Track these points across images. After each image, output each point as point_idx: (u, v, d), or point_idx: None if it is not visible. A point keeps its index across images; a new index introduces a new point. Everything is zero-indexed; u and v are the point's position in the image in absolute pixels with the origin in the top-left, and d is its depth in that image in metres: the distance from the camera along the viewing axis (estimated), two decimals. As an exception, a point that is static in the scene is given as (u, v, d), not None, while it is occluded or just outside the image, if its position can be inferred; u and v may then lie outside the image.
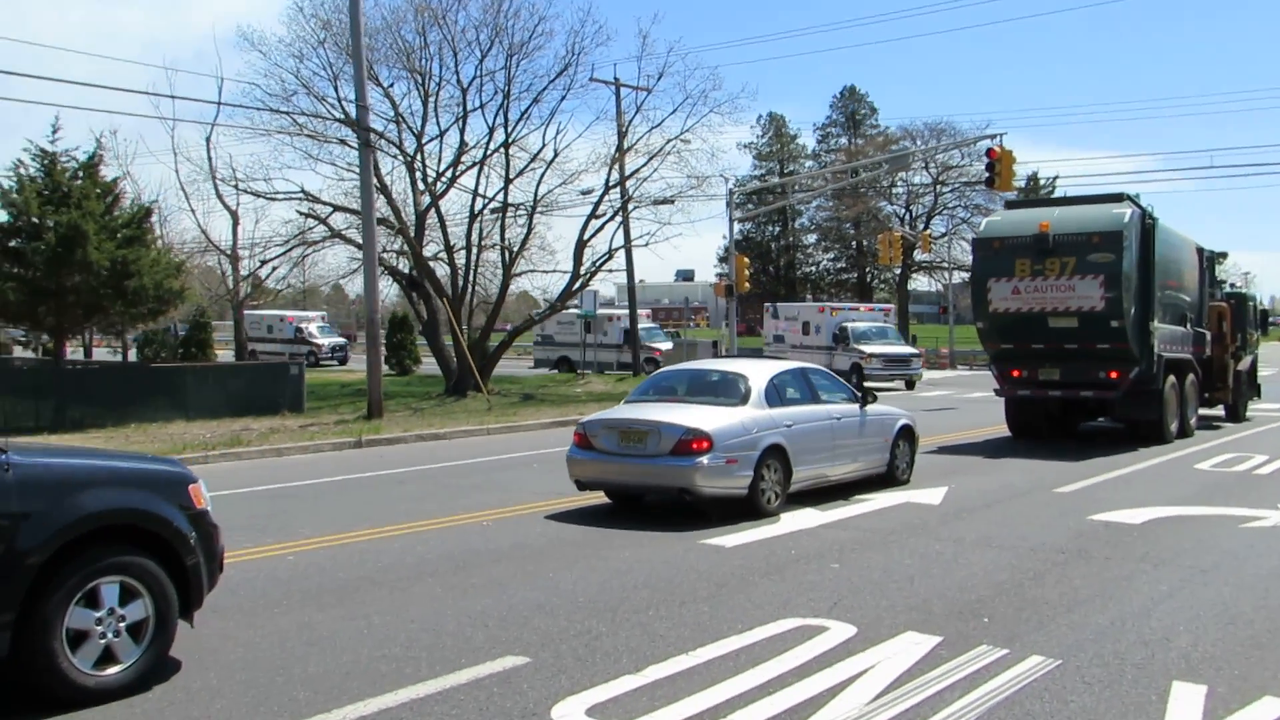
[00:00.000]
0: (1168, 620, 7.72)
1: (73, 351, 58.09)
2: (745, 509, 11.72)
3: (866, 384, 35.02)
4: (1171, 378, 19.96)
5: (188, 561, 6.29)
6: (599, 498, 12.87)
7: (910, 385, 38.70)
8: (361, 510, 12.62)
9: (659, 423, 11.70)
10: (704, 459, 11.35)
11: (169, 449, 18.81)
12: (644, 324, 48.55)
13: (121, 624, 5.99)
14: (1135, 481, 15.03)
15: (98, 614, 5.90)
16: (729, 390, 12.59)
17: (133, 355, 51.61)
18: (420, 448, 20.36)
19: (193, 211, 40.13)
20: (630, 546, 10.31)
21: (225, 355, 49.30)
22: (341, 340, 60.60)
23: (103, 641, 5.91)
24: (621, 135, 35.91)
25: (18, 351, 46.01)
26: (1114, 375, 18.95)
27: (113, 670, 5.94)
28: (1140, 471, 16.11)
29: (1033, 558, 9.82)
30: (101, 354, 55.14)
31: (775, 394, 12.62)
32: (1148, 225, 19.28)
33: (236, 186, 35.20)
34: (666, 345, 47.64)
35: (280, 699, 6.01)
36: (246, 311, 44.24)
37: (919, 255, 74.23)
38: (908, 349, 40.24)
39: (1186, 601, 8.27)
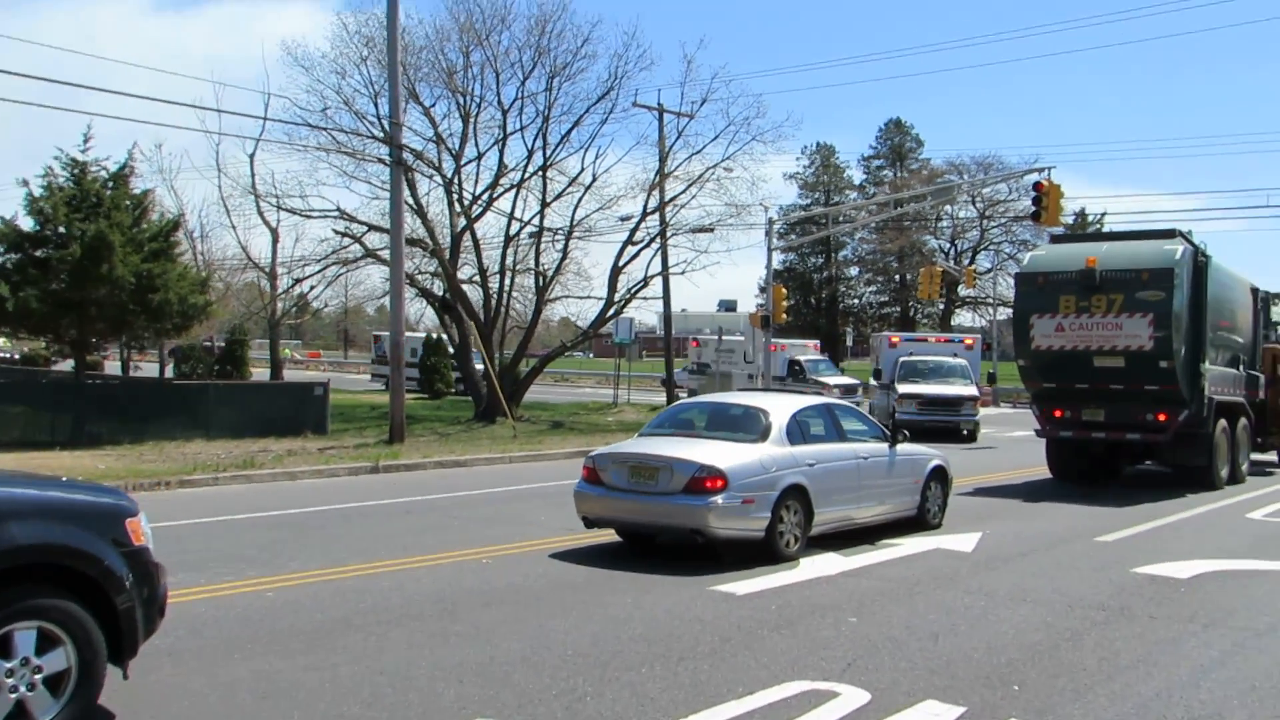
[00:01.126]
0: (1220, 692, 6.93)
1: (111, 366, 58.57)
2: (762, 552, 10.98)
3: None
4: (1223, 421, 19.01)
5: (120, 605, 5.66)
6: (610, 535, 12.17)
7: (970, 435, 30.51)
8: (358, 542, 12.02)
9: (671, 458, 11.01)
10: (718, 498, 10.64)
11: (181, 468, 18.43)
12: (809, 355, 44.93)
13: (38, 675, 5.37)
14: (1183, 531, 14.13)
15: (9, 664, 5.29)
16: (748, 425, 11.87)
17: (170, 371, 51.78)
18: (438, 475, 19.79)
19: (234, 228, 39.80)
20: (633, 591, 9.61)
21: (261, 373, 49.13)
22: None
23: (14, 696, 5.29)
24: (663, 160, 35.40)
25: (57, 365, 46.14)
26: (1162, 418, 18.03)
27: (25, 728, 5.33)
28: (1188, 520, 15.18)
29: (1070, 615, 9.01)
30: (145, 368, 55.36)
31: (797, 430, 11.90)
32: (1200, 263, 18.41)
33: (278, 204, 35.16)
34: (844, 380, 41.93)
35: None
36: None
37: (963, 290, 73.09)
38: (958, 389, 31.21)
39: (1240, 669, 7.46)
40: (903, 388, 31.37)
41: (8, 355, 59.80)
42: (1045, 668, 7.43)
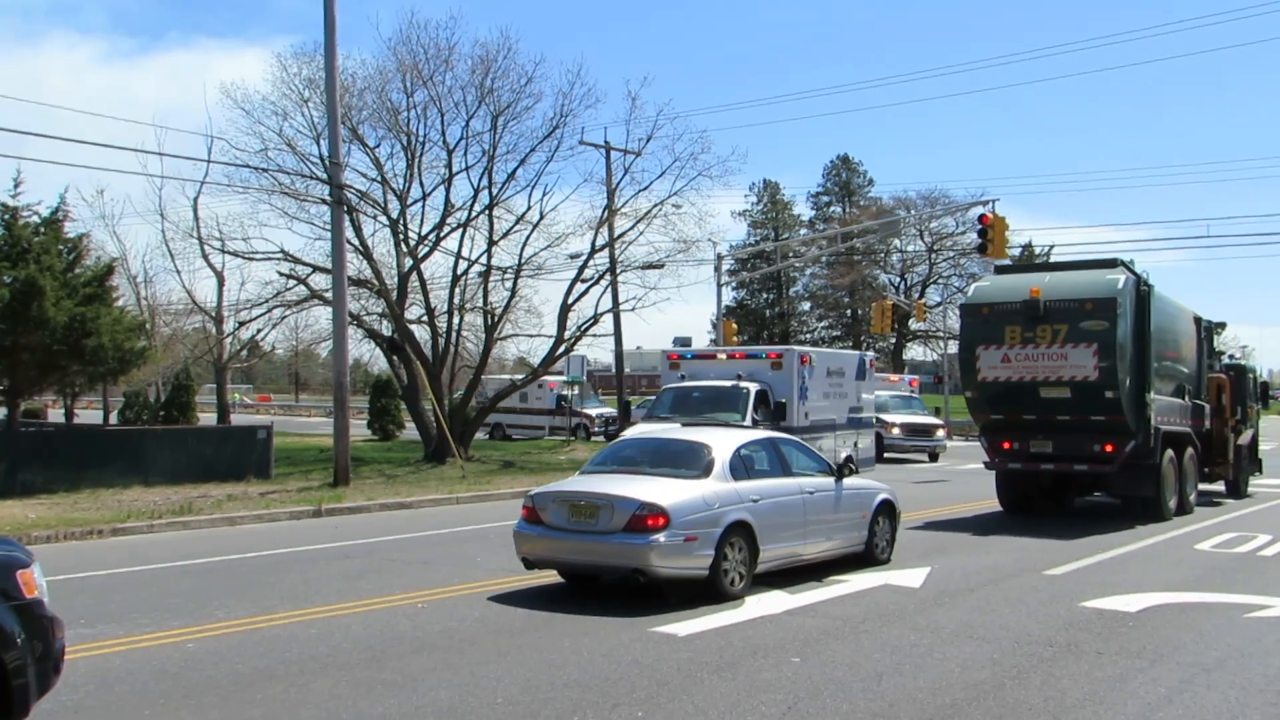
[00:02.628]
0: (1167, 731, 6.76)
1: (55, 414, 57.38)
2: (706, 591, 10.73)
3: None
4: (1170, 451, 19.04)
5: (9, 663, 5.32)
6: (552, 576, 11.86)
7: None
8: (290, 589, 11.61)
9: (612, 496, 10.75)
10: (660, 536, 10.39)
11: (115, 516, 17.88)
12: (895, 390, 40.07)
13: (-84, 739, 5.04)
14: (1131, 563, 14.03)
15: (-116, 727, 4.96)
16: (690, 461, 11.64)
17: (114, 417, 50.79)
18: (382, 518, 19.36)
19: (178, 272, 39.26)
20: (571, 635, 9.31)
21: (209, 418, 48.28)
22: (611, 411, 46.32)
23: (-111, 761, 4.96)
24: (610, 197, 35.33)
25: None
26: (1109, 448, 18.02)
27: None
28: (1136, 552, 15.10)
29: (1016, 652, 8.83)
30: (89, 416, 54.30)
31: (741, 466, 11.68)
32: (1143, 292, 18.50)
33: (222, 248, 34.71)
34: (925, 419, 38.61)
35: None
36: (490, 376, 41.32)
37: (914, 324, 73.64)
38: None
39: (1188, 708, 7.29)
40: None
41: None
42: (989, 708, 7.23)
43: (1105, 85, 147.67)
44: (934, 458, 36.36)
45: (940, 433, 37.12)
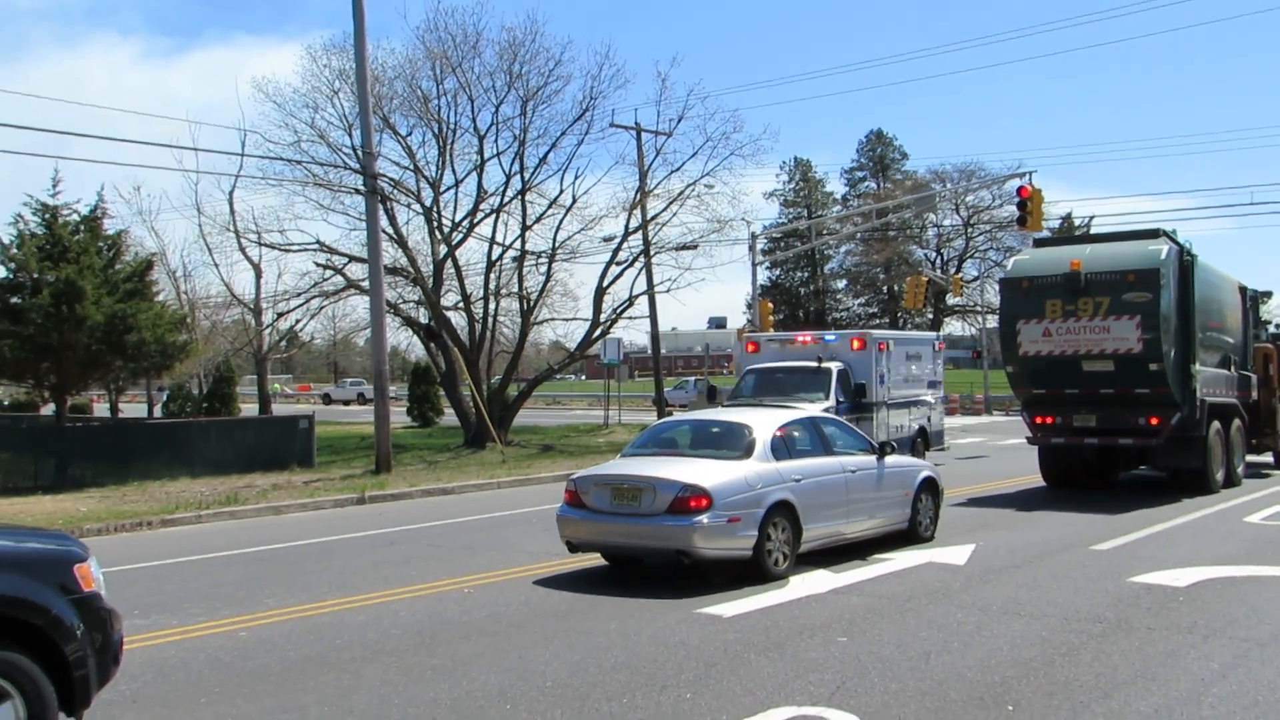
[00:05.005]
0: (1222, 707, 6.69)
1: (101, 408, 58.15)
2: (750, 572, 10.74)
3: None
4: (1216, 423, 18.80)
5: (70, 655, 5.42)
6: (595, 560, 11.92)
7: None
8: (338, 576, 11.74)
9: (654, 479, 10.77)
10: (703, 518, 10.40)
11: (163, 507, 18.16)
12: None
13: (-17, 731, 5.15)
14: (1179, 537, 13.89)
15: (-48, 720, 5.07)
16: (731, 442, 11.64)
17: (158, 410, 51.41)
18: (425, 503, 19.51)
19: (216, 265, 39.62)
20: (617, 617, 9.35)
21: (251, 409, 48.76)
22: None
23: (-42, 752, 5.07)
24: (642, 179, 35.28)
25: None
26: (1154, 421, 17.82)
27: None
28: (1184, 526, 14.95)
29: (1065, 629, 8.77)
30: (134, 410, 54.99)
31: (782, 446, 11.66)
32: (1186, 262, 18.24)
33: (259, 240, 35.02)
34: None
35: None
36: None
37: (951, 299, 73.07)
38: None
39: (1242, 683, 7.21)
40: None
41: (-2, 402, 59.33)
42: (1040, 685, 7.19)
43: (1143, 52, 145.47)
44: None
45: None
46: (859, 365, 22.85)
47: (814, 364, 22.46)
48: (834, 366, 22.36)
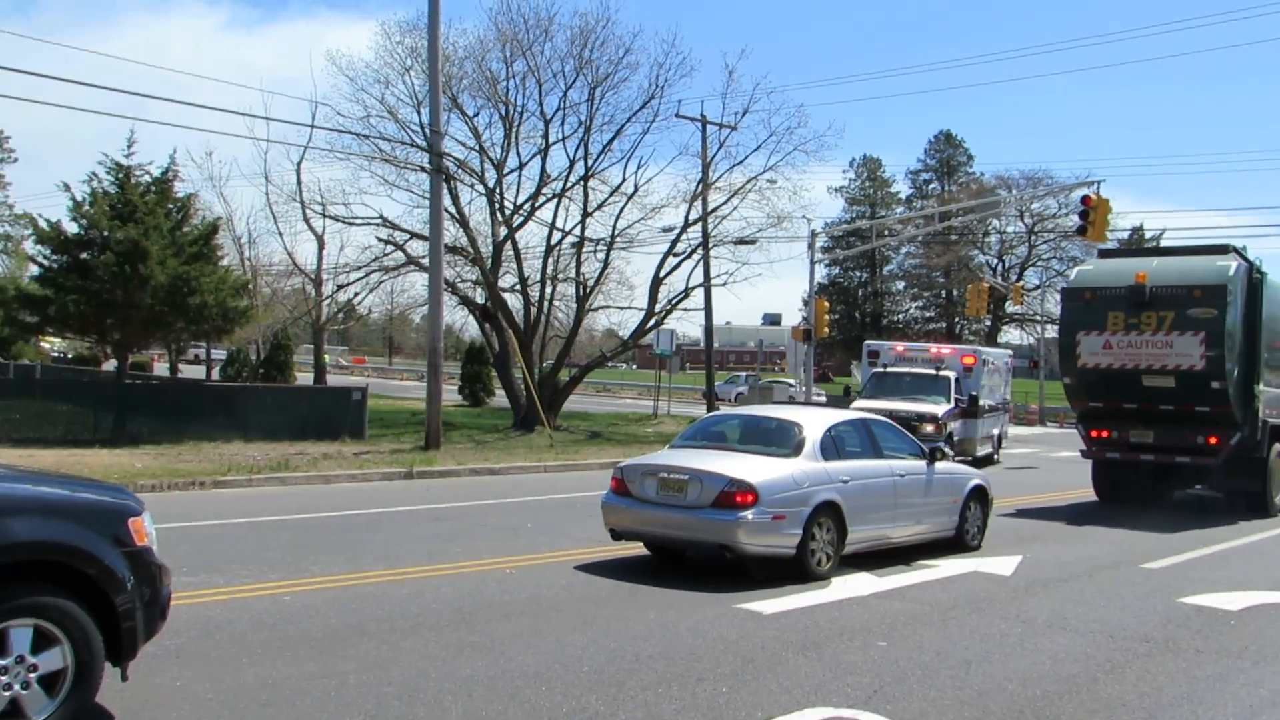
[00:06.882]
0: (1268, 735, 6.55)
1: (160, 367, 59.23)
2: (792, 570, 10.68)
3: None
4: (1277, 445, 18.40)
5: (119, 606, 5.51)
6: (638, 549, 11.92)
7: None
8: (383, 548, 11.85)
9: (701, 471, 10.74)
10: (748, 513, 10.36)
11: (216, 469, 18.45)
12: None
13: (33, 674, 5.25)
14: (1233, 560, 13.62)
15: (4, 661, 5.17)
16: (781, 439, 11.57)
17: (216, 373, 52.28)
18: (471, 482, 19.66)
19: (280, 234, 40.22)
20: (657, 608, 9.35)
21: (306, 378, 49.39)
22: None
23: (8, 694, 5.17)
24: (705, 171, 35.18)
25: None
26: (1213, 440, 17.48)
27: (17, 726, 5.20)
28: (1239, 549, 14.65)
29: (1111, 646, 8.63)
30: (192, 371, 55.95)
31: (832, 445, 11.58)
32: (1255, 279, 17.86)
33: (323, 212, 35.45)
34: None
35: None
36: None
37: (1010, 307, 72.14)
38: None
39: (1291, 712, 7.06)
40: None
41: (61, 355, 60.75)
42: (1082, 702, 7.08)
43: (1218, 66, 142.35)
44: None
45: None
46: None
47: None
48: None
